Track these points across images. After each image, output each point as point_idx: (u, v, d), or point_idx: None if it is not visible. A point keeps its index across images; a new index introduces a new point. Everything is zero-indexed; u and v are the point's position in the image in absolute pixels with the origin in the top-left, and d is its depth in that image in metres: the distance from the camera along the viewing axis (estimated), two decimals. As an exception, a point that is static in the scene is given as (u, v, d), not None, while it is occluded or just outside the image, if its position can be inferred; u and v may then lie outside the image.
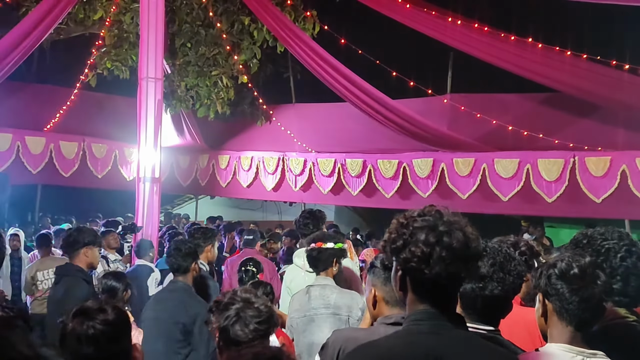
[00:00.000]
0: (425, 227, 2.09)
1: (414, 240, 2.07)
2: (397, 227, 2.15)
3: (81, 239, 5.25)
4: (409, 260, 2.07)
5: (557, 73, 9.47)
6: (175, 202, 20.95)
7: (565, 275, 2.57)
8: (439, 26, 9.61)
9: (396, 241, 2.12)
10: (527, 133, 10.68)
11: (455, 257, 2.05)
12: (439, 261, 2.03)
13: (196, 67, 12.20)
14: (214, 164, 14.98)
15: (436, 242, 2.05)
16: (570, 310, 2.55)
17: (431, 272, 2.04)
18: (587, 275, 2.56)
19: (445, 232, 2.07)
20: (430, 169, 11.66)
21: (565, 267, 2.59)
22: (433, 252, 2.04)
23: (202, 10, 11.79)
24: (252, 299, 2.94)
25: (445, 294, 2.13)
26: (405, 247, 2.09)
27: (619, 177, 10.03)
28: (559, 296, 2.57)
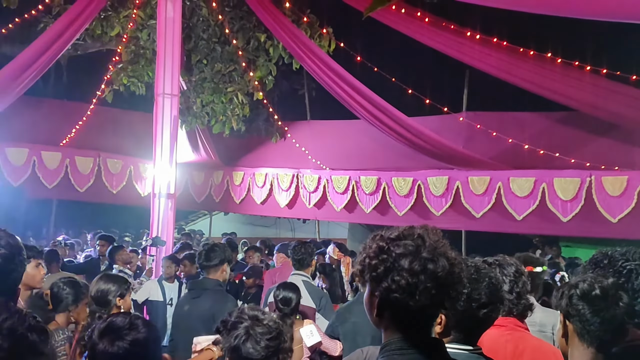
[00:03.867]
0: (409, 253, 1.98)
1: (397, 268, 1.96)
2: (376, 252, 2.03)
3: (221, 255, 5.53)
4: (392, 291, 1.96)
5: (576, 91, 9.44)
6: (190, 218, 20.99)
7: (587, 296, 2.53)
8: (456, 44, 9.60)
9: (377, 268, 2.00)
10: (543, 152, 10.62)
11: (440, 286, 1.95)
12: (425, 292, 1.93)
13: (212, 83, 12.25)
14: (229, 180, 14.99)
15: (421, 270, 1.94)
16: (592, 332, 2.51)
17: (416, 304, 1.94)
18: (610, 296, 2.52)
19: (429, 260, 1.96)
20: (445, 187, 11.61)
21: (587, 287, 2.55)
22: (418, 282, 1.93)
23: (218, 27, 11.85)
24: (260, 316, 2.92)
25: (426, 321, 2.04)
26: (386, 275, 1.97)
27: (636, 197, 9.94)
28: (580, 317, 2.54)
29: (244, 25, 11.84)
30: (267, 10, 10.50)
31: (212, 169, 15.28)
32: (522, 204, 10.86)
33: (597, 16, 7.92)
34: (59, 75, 13.89)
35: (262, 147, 14.61)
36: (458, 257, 2.06)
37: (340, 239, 15.71)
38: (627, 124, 10.07)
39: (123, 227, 16.24)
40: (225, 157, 15.08)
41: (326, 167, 13.45)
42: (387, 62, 11.20)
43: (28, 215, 12.11)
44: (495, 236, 11.53)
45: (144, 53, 11.98)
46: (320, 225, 15.42)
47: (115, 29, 11.55)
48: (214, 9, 11.54)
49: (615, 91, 9.05)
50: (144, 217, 10.01)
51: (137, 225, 14.30)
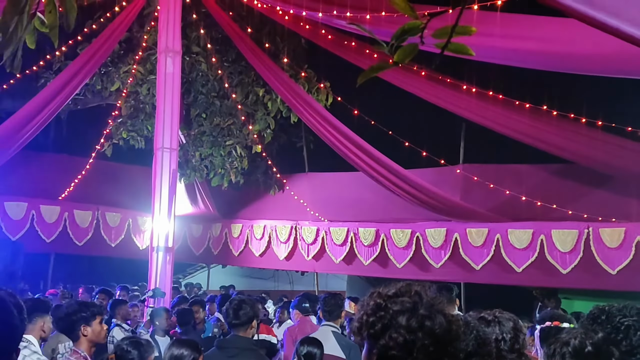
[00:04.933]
0: (406, 310, 1.99)
1: (395, 325, 1.97)
2: (374, 309, 2.04)
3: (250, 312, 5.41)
4: (390, 348, 1.96)
5: (572, 144, 9.49)
6: (187, 271, 20.87)
7: (579, 354, 2.52)
8: (452, 97, 9.68)
9: (375, 325, 2.01)
10: (541, 204, 10.64)
11: (438, 344, 1.96)
12: (422, 349, 1.94)
13: (211, 137, 12.35)
14: (227, 233, 14.98)
15: (418, 327, 1.96)
16: None
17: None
18: (602, 353, 2.51)
19: (426, 317, 1.97)
20: (444, 238, 11.62)
21: (578, 345, 2.53)
22: (416, 339, 1.94)
23: (217, 82, 11.99)
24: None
25: None
26: (384, 332, 1.98)
27: (634, 249, 9.95)
28: None
29: (243, 79, 11.99)
30: (266, 65, 10.64)
31: (211, 221, 15.28)
32: (521, 256, 10.86)
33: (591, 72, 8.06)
34: (59, 130, 13.98)
35: (260, 199, 14.63)
36: (455, 315, 2.07)
37: (339, 291, 15.63)
38: (623, 175, 10.12)
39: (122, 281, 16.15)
40: (224, 210, 15.08)
41: (324, 219, 13.46)
42: (384, 115, 11.30)
43: (26, 269, 12.04)
44: (495, 288, 11.50)
45: (143, 107, 12.10)
46: (319, 278, 15.36)
47: (115, 84, 11.69)
48: (213, 64, 11.71)
49: (610, 143, 9.10)
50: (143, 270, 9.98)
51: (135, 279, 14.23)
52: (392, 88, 10.04)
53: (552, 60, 7.68)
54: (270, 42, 11.30)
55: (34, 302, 5.76)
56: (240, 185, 13.24)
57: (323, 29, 9.66)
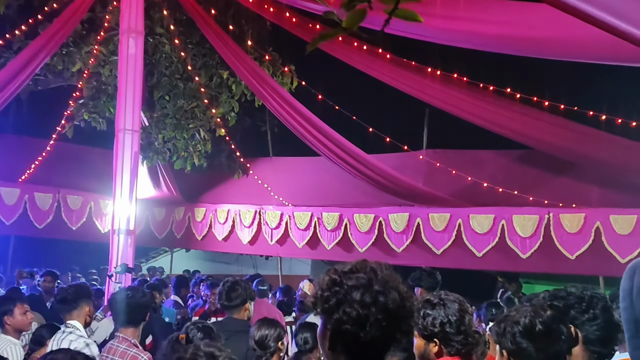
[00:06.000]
0: (361, 286, 2.00)
1: (349, 300, 1.98)
2: (329, 285, 2.05)
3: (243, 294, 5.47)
4: (343, 322, 1.98)
5: (534, 130, 9.58)
6: (150, 255, 20.75)
7: (530, 332, 2.55)
8: (416, 83, 9.71)
9: (329, 300, 2.02)
10: (502, 189, 10.75)
11: (391, 319, 1.97)
12: (375, 324, 1.95)
13: (174, 119, 12.22)
14: (190, 217, 14.89)
15: (372, 302, 1.96)
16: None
17: (367, 336, 1.95)
18: (552, 331, 2.55)
19: (380, 292, 1.98)
20: (406, 223, 11.68)
21: (529, 323, 2.56)
22: (369, 314, 1.95)
23: (181, 64, 11.86)
24: (215, 352, 2.84)
25: (379, 355, 2.03)
26: (338, 307, 1.99)
27: (593, 234, 10.11)
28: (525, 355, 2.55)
29: (207, 62, 11.88)
30: (229, 48, 10.56)
31: (174, 205, 15.18)
32: (482, 241, 10.97)
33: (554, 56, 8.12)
34: (19, 111, 13.73)
35: (224, 183, 14.57)
36: (410, 292, 2.08)
37: (303, 275, 15.66)
38: (584, 162, 10.26)
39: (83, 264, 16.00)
40: (187, 194, 14.99)
41: (288, 204, 13.46)
42: (348, 101, 11.31)
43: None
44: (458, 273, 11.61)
45: (105, 89, 11.93)
46: (283, 262, 15.36)
47: (76, 64, 11.49)
48: (176, 46, 11.57)
49: (572, 130, 9.22)
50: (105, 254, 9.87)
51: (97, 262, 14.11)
52: (357, 73, 10.04)
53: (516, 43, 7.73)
54: (235, 25, 11.21)
55: (78, 288, 5.80)
56: (204, 168, 13.16)
57: (287, 12, 9.62)
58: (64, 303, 5.47)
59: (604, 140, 9.02)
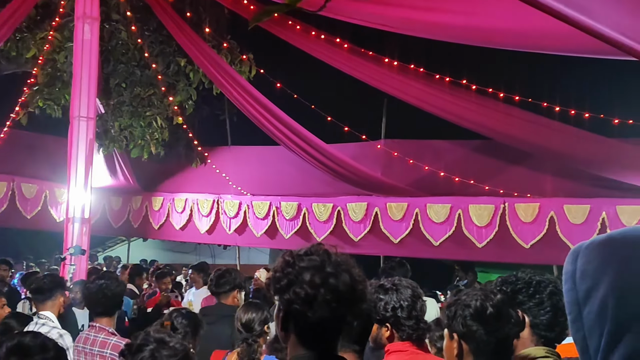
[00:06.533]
0: (312, 267, 2.00)
1: (299, 281, 1.99)
2: (282, 266, 2.06)
3: (232, 281, 5.57)
4: (292, 302, 1.99)
5: (489, 121, 9.67)
6: (107, 244, 20.54)
7: (481, 315, 2.57)
8: (374, 72, 9.73)
9: (280, 280, 2.03)
10: (459, 179, 10.86)
11: (340, 300, 1.98)
12: (324, 304, 1.96)
13: (130, 107, 12.07)
14: (147, 206, 14.77)
15: (321, 283, 1.97)
16: (487, 352, 2.55)
17: (315, 315, 1.96)
18: (503, 315, 2.57)
19: (331, 274, 1.99)
20: (364, 213, 11.75)
21: (480, 306, 2.58)
22: (317, 294, 1.96)
23: (137, 51, 11.71)
24: (166, 338, 2.82)
25: (329, 337, 2.05)
26: (289, 287, 2.00)
27: (547, 224, 10.29)
28: (476, 338, 2.57)
29: (164, 49, 11.75)
30: (187, 35, 10.46)
31: (131, 194, 15.03)
32: (439, 230, 11.09)
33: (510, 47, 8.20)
34: (-29, 98, 13.47)
35: (182, 172, 14.44)
36: (363, 275, 2.09)
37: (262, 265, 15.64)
38: (539, 152, 10.40)
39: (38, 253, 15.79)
40: (144, 182, 14.85)
41: (247, 193, 13.41)
42: (307, 90, 11.27)
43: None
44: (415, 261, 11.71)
45: (60, 75, 11.72)
46: (241, 252, 15.33)
47: (31, 50, 11.28)
48: (133, 33, 11.42)
49: (527, 120, 9.32)
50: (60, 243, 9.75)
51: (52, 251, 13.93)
52: (316, 62, 10.03)
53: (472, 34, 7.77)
54: (192, 12, 11.10)
55: (54, 278, 5.75)
56: (161, 157, 13.02)
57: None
58: (39, 293, 5.39)
59: (557, 131, 9.15)
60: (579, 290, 1.48)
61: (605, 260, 1.43)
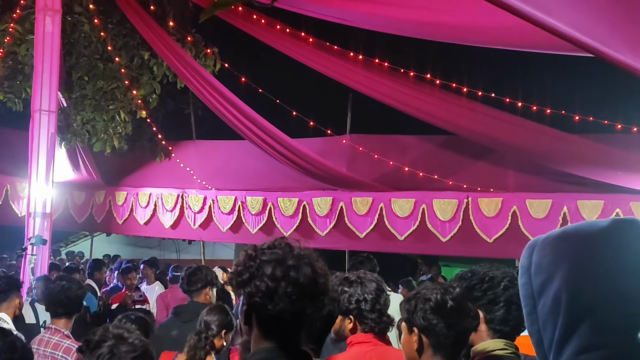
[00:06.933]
0: (273, 260, 2.01)
1: (260, 274, 1.99)
2: (244, 260, 2.06)
3: (203, 278, 5.50)
4: (253, 295, 1.99)
5: (453, 116, 9.74)
6: (70, 239, 20.31)
7: (442, 309, 2.58)
8: (339, 67, 9.74)
9: (242, 274, 2.04)
10: (423, 174, 10.93)
11: (301, 293, 1.98)
12: (284, 297, 1.97)
13: (93, 100, 11.91)
14: (111, 201, 14.61)
15: (282, 276, 1.98)
16: (447, 345, 2.57)
17: (275, 308, 1.97)
18: (462, 308, 2.59)
19: (292, 267, 2.00)
20: (330, 207, 11.77)
21: (440, 300, 2.60)
22: (278, 287, 1.97)
23: (100, 44, 11.56)
24: (125, 334, 2.80)
25: (291, 330, 2.05)
26: (250, 280, 2.01)
27: (510, 218, 10.41)
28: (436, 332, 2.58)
29: (128, 42, 11.62)
30: (151, 28, 10.37)
31: (94, 188, 14.85)
32: (403, 225, 11.15)
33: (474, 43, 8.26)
34: None
35: (146, 166, 14.32)
36: (325, 269, 2.10)
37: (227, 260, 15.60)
38: (501, 147, 10.51)
39: None
40: (108, 177, 14.68)
41: (212, 188, 13.34)
42: (272, 84, 11.25)
43: None
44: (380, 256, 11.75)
45: (21, 68, 11.53)
46: (206, 246, 15.25)
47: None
48: (96, 26, 11.28)
49: (489, 115, 9.41)
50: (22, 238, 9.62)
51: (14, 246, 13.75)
52: (281, 56, 10.01)
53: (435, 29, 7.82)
54: (156, 5, 10.98)
55: (10, 279, 5.72)
56: (125, 151, 12.89)
57: (209, -7, 9.50)
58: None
59: (520, 127, 9.25)
60: (534, 283, 1.50)
61: (559, 254, 1.46)
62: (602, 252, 1.41)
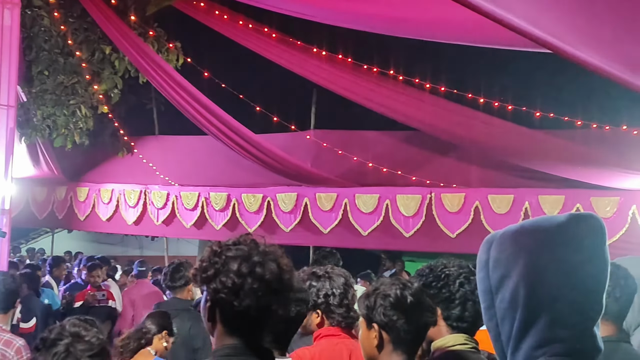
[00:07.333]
0: (239, 256, 2.01)
1: (226, 270, 1.99)
2: (209, 256, 2.06)
3: (187, 275, 5.46)
4: (218, 291, 1.99)
5: (416, 112, 9.80)
6: (30, 236, 20.00)
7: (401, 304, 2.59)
8: (302, 62, 9.73)
9: (207, 270, 2.03)
10: (387, 170, 10.97)
11: (267, 290, 1.99)
12: (250, 293, 1.97)
13: (54, 95, 11.72)
14: (72, 197, 14.41)
15: (248, 273, 1.98)
16: (407, 341, 2.58)
17: (241, 305, 1.97)
18: (422, 303, 2.60)
19: (258, 263, 2.00)
20: (294, 203, 11.76)
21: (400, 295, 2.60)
22: (244, 283, 1.97)
23: (61, 38, 11.38)
24: (81, 332, 2.77)
25: (255, 327, 2.06)
26: (216, 276, 2.00)
27: (473, 213, 10.51)
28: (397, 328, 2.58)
29: (89, 36, 11.43)
30: (112, 23, 10.22)
31: (55, 184, 14.64)
32: (367, 220, 11.19)
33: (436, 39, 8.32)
34: None
35: (108, 162, 14.16)
36: (290, 265, 2.10)
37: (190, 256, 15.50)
38: (463, 143, 10.59)
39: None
40: (69, 173, 14.48)
41: (175, 183, 13.24)
42: (236, 79, 11.20)
43: None
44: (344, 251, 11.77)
45: (-20, 62, 11.33)
46: (170, 243, 15.15)
47: (-53, 36, 10.86)
48: (56, 19, 11.09)
49: (452, 111, 9.49)
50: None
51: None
52: (244, 51, 9.97)
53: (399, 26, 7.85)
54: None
55: None
56: (86, 147, 12.72)
57: (172, -13, 9.42)
58: None
59: (482, 122, 9.35)
60: (492, 278, 1.51)
61: (517, 249, 1.47)
62: (558, 247, 1.43)
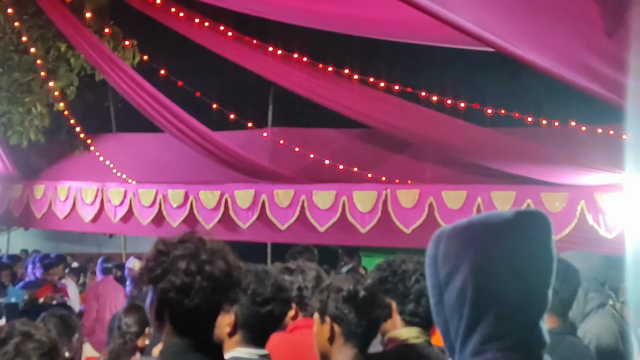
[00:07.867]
0: (186, 255, 2.02)
1: (174, 270, 2.00)
2: (156, 255, 2.07)
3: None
4: (167, 291, 2.00)
5: (371, 110, 9.90)
6: (-16, 234, 19.70)
7: (354, 299, 2.68)
8: (259, 60, 9.77)
9: (154, 270, 2.04)
10: (343, 167, 11.08)
11: (216, 287, 2.00)
12: (200, 291, 1.98)
13: (8, 93, 11.61)
14: (29, 195, 14.23)
15: (197, 271, 1.99)
16: (358, 334, 2.67)
17: (191, 303, 1.98)
18: (374, 298, 2.70)
19: (207, 261, 2.01)
20: (252, 200, 11.77)
21: (352, 290, 2.70)
22: (194, 282, 1.98)
23: (15, 35, 11.27)
24: (31, 331, 2.80)
25: (205, 324, 2.07)
26: (164, 276, 2.01)
27: (427, 209, 10.64)
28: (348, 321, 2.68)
29: (44, 34, 11.35)
30: (67, 20, 10.16)
31: (11, 182, 14.46)
32: (324, 216, 11.26)
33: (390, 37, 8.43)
34: None
35: (65, 160, 14.03)
36: (238, 261, 2.14)
37: (149, 253, 15.40)
38: (418, 140, 10.74)
39: None
40: (26, 170, 14.32)
41: (132, 181, 13.17)
42: (192, 77, 11.19)
43: None
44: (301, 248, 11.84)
45: None
46: (128, 240, 15.08)
47: None
48: (10, 16, 10.98)
49: (406, 109, 9.62)
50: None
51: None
52: (200, 49, 9.98)
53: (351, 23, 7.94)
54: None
55: None
56: (42, 144, 12.62)
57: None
58: None
59: (435, 120, 9.49)
60: (440, 274, 1.57)
61: (465, 245, 1.52)
62: (506, 242, 1.49)
